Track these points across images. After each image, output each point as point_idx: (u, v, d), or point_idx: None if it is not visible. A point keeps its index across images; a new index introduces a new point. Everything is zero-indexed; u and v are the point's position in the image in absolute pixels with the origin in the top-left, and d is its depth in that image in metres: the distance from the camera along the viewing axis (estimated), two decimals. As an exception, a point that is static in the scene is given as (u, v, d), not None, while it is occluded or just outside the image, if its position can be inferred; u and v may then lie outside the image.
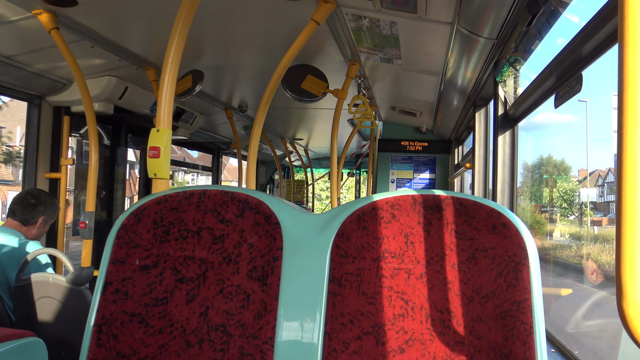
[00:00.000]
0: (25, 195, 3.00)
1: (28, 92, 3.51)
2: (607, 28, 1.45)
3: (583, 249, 5.64)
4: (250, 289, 1.25)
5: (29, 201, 2.96)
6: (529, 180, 7.08)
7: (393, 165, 5.86)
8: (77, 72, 2.79)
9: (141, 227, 1.30)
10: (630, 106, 0.67)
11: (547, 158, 8.74)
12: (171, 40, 1.81)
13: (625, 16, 0.67)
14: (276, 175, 10.32)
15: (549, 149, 8.70)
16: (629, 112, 0.67)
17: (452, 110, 4.08)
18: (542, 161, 8.60)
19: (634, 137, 0.67)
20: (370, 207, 1.27)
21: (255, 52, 3.24)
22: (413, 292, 1.21)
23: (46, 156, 3.68)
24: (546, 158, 8.73)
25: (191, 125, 4.86)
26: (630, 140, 0.67)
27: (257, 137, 2.57)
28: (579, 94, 1.76)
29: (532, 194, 7.66)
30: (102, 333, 1.23)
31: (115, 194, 4.67)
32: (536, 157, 8.06)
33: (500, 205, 1.21)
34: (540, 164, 8.43)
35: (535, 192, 7.96)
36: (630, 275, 0.67)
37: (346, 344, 1.19)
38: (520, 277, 1.14)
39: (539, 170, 8.31)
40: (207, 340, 1.24)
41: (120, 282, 1.27)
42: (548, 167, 8.40)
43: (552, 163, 8.75)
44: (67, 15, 2.54)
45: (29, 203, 2.96)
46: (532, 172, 7.48)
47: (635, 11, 0.66)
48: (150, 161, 1.79)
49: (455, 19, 2.22)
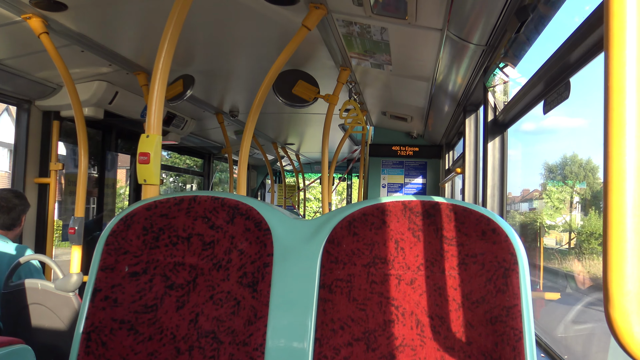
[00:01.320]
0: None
1: (17, 97, 3.49)
2: (594, 36, 1.47)
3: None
4: (241, 296, 1.25)
5: (5, 206, 2.90)
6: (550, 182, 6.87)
7: (384, 170, 5.88)
8: (66, 76, 2.78)
9: (131, 233, 1.30)
10: (616, 112, 0.68)
11: (572, 157, 8.53)
12: (161, 44, 1.81)
13: (610, 25, 0.68)
14: (267, 180, 10.31)
15: (574, 149, 8.55)
16: (614, 118, 0.68)
17: (443, 115, 4.11)
18: (566, 161, 8.38)
19: (620, 142, 0.67)
20: (361, 213, 1.27)
21: (246, 57, 3.24)
22: (403, 298, 1.21)
23: (35, 161, 3.66)
24: (570, 157, 8.53)
25: (182, 130, 4.85)
26: (616, 145, 0.68)
27: (248, 142, 2.57)
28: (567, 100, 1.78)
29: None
30: (91, 340, 1.22)
31: (105, 199, 4.65)
32: (559, 157, 7.85)
33: (490, 211, 1.22)
34: (564, 164, 8.22)
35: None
36: (617, 281, 0.67)
37: (337, 350, 1.19)
38: (510, 282, 1.15)
39: (562, 170, 8.12)
40: (197, 347, 1.23)
41: (109, 289, 1.26)
42: (573, 167, 8.22)
43: (577, 162, 8.55)
44: (56, 20, 2.53)
45: (7, 208, 2.90)
46: (555, 173, 7.33)
47: (620, 20, 0.67)
48: (140, 167, 1.78)
49: (445, 25, 2.24)
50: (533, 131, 10.23)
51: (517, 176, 7.83)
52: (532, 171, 8.75)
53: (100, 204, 4.56)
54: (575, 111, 7.50)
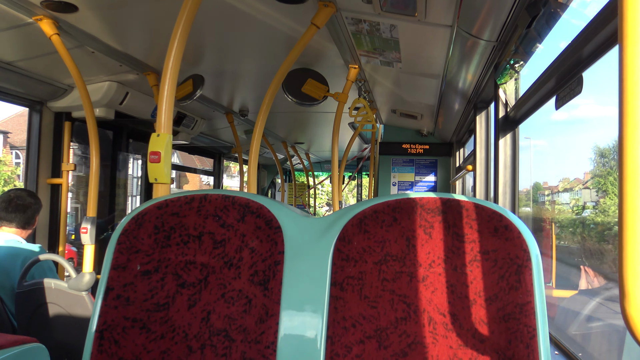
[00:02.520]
0: (12, 200, 2.93)
1: (29, 98, 3.52)
2: (607, 29, 1.45)
3: None
4: (252, 294, 1.25)
5: (22, 204, 2.93)
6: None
7: (394, 168, 5.86)
8: (77, 77, 2.80)
9: (142, 232, 1.30)
10: (631, 107, 0.67)
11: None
12: (171, 45, 1.82)
13: (624, 17, 0.67)
14: (277, 179, 10.33)
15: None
16: (629, 113, 0.67)
17: (453, 112, 4.08)
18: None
19: (635, 137, 0.66)
20: (372, 211, 1.26)
21: (256, 56, 3.25)
22: (415, 295, 1.20)
23: (47, 162, 3.69)
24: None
25: (192, 130, 4.87)
26: (631, 141, 0.67)
27: (258, 142, 2.58)
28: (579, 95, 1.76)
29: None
30: (104, 339, 1.23)
31: (117, 200, 4.68)
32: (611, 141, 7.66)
33: (502, 208, 1.21)
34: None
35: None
36: (633, 276, 0.66)
37: (348, 348, 1.19)
38: (523, 279, 1.14)
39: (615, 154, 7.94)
40: (209, 345, 1.24)
41: (121, 288, 1.27)
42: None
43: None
44: (67, 22, 2.55)
45: (23, 207, 2.93)
46: (608, 157, 7.14)
47: (634, 12, 0.66)
48: (151, 166, 1.79)
49: (455, 21, 2.22)
50: (565, 121, 10.10)
51: (550, 167, 7.72)
52: (568, 161, 8.65)
53: (111, 203, 4.59)
54: (606, 100, 7.34)
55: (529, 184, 8.22)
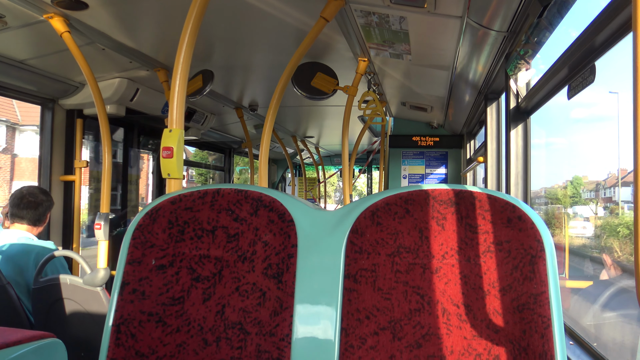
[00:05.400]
0: (24, 197, 2.96)
1: (41, 96, 3.55)
2: (621, 17, 1.43)
3: None
4: (266, 287, 1.26)
5: (34, 201, 2.96)
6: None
7: (405, 161, 5.84)
8: (89, 74, 2.82)
9: (156, 227, 1.31)
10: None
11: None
12: (181, 41, 1.82)
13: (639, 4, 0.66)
14: (288, 173, 10.34)
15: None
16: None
17: (463, 104, 4.06)
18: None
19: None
20: (384, 203, 1.26)
21: (265, 50, 3.25)
22: (429, 286, 1.21)
23: (60, 159, 3.72)
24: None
25: (202, 125, 4.88)
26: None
27: (268, 136, 2.58)
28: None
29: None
30: (121, 333, 1.25)
31: (129, 196, 4.72)
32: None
33: (515, 198, 1.21)
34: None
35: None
36: None
37: (363, 339, 1.19)
38: (537, 270, 1.14)
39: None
40: (225, 338, 1.25)
41: (137, 282, 1.28)
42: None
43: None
44: (78, 19, 2.56)
45: (35, 204, 2.96)
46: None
47: (649, -1, 0.65)
48: (164, 161, 1.80)
49: (465, 12, 2.21)
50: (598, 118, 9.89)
51: (589, 161, 7.54)
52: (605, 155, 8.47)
53: (124, 199, 4.63)
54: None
55: (560, 180, 7.78)
